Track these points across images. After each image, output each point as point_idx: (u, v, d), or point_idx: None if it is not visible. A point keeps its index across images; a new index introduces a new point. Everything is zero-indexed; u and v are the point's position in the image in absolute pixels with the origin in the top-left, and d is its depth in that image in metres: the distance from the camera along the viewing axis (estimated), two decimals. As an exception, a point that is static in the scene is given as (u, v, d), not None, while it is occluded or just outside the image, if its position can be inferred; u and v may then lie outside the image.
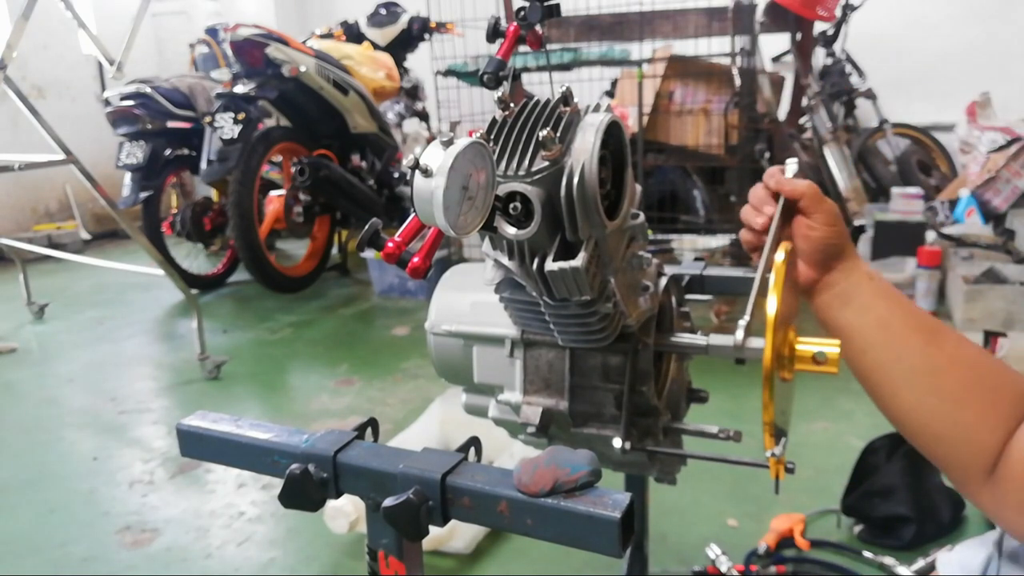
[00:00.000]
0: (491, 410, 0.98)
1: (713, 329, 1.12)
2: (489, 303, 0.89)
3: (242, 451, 0.75)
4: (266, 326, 3.32)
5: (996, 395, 0.73)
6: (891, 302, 0.80)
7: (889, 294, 0.80)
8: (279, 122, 3.77)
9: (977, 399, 0.74)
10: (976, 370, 0.75)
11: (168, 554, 1.67)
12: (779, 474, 0.71)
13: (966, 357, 0.76)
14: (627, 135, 0.77)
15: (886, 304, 0.79)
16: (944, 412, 0.74)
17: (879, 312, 0.79)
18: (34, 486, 1.99)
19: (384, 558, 0.69)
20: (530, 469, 0.62)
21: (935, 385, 0.75)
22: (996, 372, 0.75)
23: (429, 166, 0.54)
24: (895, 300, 0.80)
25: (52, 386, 2.70)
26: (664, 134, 3.56)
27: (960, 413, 0.74)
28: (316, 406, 2.45)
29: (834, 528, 1.66)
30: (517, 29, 0.87)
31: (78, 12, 2.58)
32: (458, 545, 1.57)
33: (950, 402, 0.74)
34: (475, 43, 3.89)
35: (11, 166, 2.59)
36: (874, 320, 0.79)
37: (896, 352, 0.77)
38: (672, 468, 1.01)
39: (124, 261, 3.17)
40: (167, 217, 3.87)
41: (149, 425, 2.35)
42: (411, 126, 4.92)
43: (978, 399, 0.73)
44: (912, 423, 0.77)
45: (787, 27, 3.79)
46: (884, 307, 0.79)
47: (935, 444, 0.76)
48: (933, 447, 0.76)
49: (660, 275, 0.93)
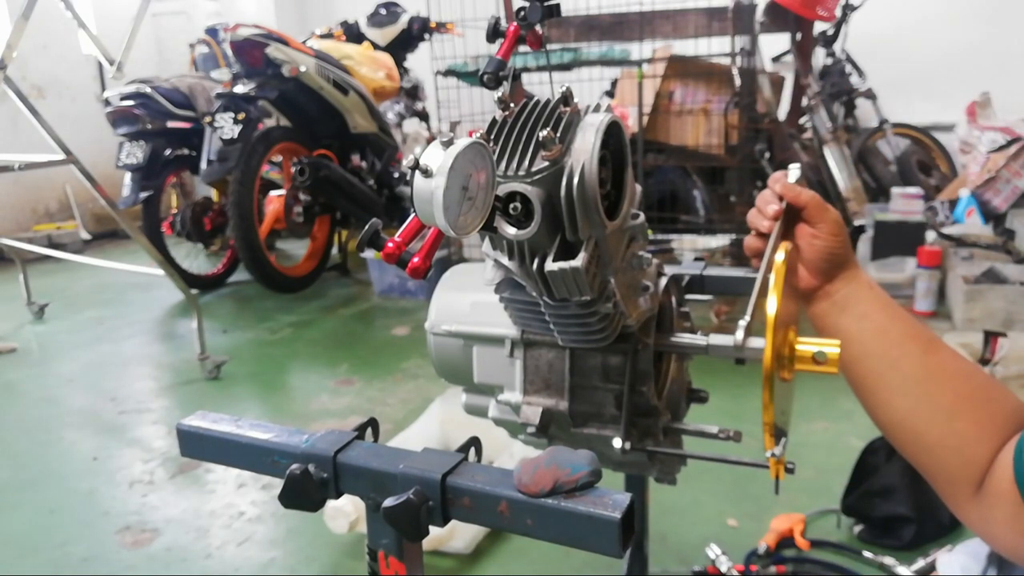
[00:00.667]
0: (491, 410, 0.98)
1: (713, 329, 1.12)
2: (489, 303, 0.89)
3: (242, 451, 0.75)
4: (266, 326, 3.32)
5: (989, 409, 0.74)
6: (889, 311, 0.80)
7: (888, 304, 0.81)
8: (279, 122, 3.77)
9: (970, 411, 0.74)
10: (970, 383, 0.76)
11: (168, 554, 1.67)
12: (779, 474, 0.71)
13: (961, 370, 0.76)
14: (627, 135, 0.77)
15: (884, 313, 0.80)
16: (938, 422, 0.74)
17: (877, 320, 0.80)
18: (34, 486, 1.99)
19: (384, 558, 0.69)
20: (530, 469, 0.62)
21: (930, 394, 0.75)
22: (989, 387, 0.76)
23: (429, 166, 0.53)
24: (893, 310, 0.81)
25: (52, 386, 2.71)
26: (664, 134, 3.56)
27: (953, 423, 0.74)
28: (316, 406, 2.45)
29: (834, 528, 1.66)
30: (517, 29, 0.87)
31: (78, 12, 2.58)
32: (458, 545, 1.57)
33: (944, 412, 0.74)
34: (475, 43, 3.89)
35: (11, 166, 2.59)
36: (872, 328, 0.79)
37: (892, 360, 0.77)
38: (672, 468, 1.01)
39: (124, 261, 3.17)
40: (167, 217, 3.87)
41: (149, 425, 2.35)
42: (411, 126, 4.92)
43: (971, 411, 0.74)
44: (904, 432, 0.77)
45: (787, 27, 3.79)
46: (882, 316, 0.80)
47: (926, 454, 0.76)
48: (924, 457, 0.76)
49: (660, 275, 0.93)
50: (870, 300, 0.81)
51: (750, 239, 0.86)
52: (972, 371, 0.77)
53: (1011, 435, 0.72)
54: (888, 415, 0.78)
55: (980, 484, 0.72)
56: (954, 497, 0.75)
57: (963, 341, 2.33)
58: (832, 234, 0.81)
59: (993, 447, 0.72)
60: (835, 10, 3.82)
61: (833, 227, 0.81)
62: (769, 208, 0.82)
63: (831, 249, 0.81)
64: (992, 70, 4.47)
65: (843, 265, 0.83)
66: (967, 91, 4.15)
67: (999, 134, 3.81)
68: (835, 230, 0.81)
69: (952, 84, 4.51)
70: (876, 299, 0.81)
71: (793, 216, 0.83)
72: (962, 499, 0.74)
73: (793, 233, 0.84)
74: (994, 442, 0.72)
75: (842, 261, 0.82)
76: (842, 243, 0.82)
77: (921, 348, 0.77)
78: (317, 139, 3.78)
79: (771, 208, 0.82)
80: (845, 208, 3.73)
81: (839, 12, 4.05)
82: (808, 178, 3.67)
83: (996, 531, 0.71)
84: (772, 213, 0.81)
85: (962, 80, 4.42)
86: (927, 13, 4.69)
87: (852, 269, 0.83)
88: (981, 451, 0.72)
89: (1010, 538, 0.70)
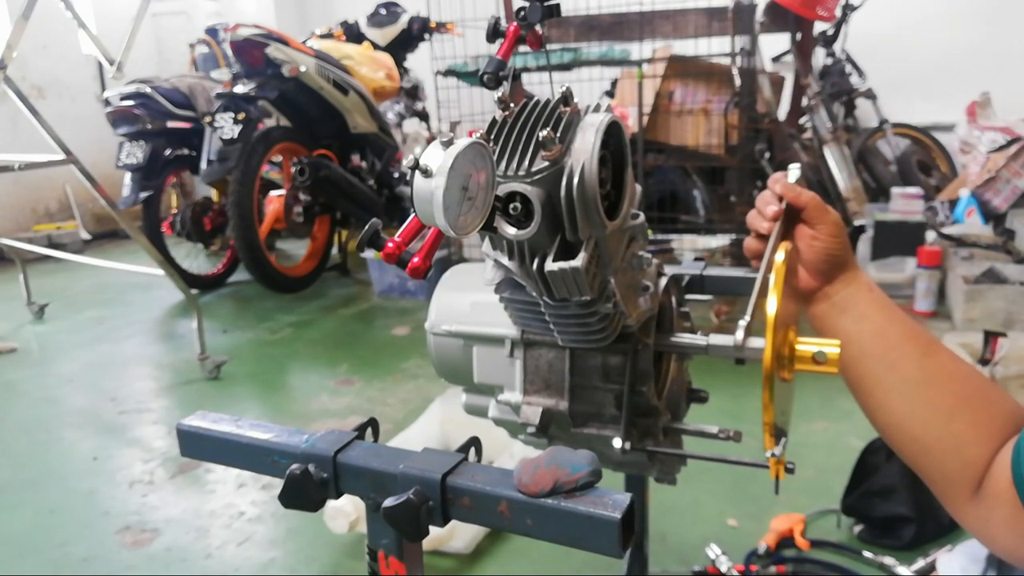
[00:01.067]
0: (491, 410, 0.98)
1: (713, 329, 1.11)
2: (489, 303, 0.89)
3: (242, 451, 0.75)
4: (266, 326, 3.32)
5: (987, 411, 0.74)
6: (889, 313, 0.80)
7: (887, 306, 0.81)
8: (279, 122, 3.77)
9: (969, 413, 0.74)
10: (968, 385, 0.76)
11: (168, 554, 1.67)
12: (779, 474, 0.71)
13: (959, 372, 0.77)
14: (627, 135, 0.77)
15: (884, 315, 0.80)
16: (936, 423, 0.74)
17: (876, 322, 0.80)
18: (34, 486, 1.99)
19: (384, 558, 0.69)
20: (530, 469, 0.62)
21: (928, 396, 0.75)
22: (987, 389, 0.76)
23: (429, 166, 0.53)
24: (893, 312, 0.81)
25: (52, 386, 2.71)
26: (664, 134, 3.56)
27: (951, 425, 0.74)
28: (316, 406, 2.45)
29: (834, 528, 1.65)
30: (517, 29, 0.87)
31: (78, 12, 2.58)
32: (458, 545, 1.57)
33: (942, 414, 0.74)
34: (475, 43, 3.89)
35: (11, 166, 2.59)
36: (871, 329, 0.79)
37: (891, 361, 0.77)
38: (672, 468, 1.01)
39: (124, 261, 3.17)
40: (167, 217, 3.88)
41: (149, 425, 2.35)
42: (411, 126, 4.92)
43: (970, 413, 0.74)
44: (902, 433, 0.77)
45: (787, 27, 3.79)
46: (882, 317, 0.80)
47: (924, 455, 0.76)
48: (922, 458, 0.76)
49: (660, 275, 0.93)
50: (869, 302, 0.81)
51: (750, 241, 0.86)
52: (970, 373, 0.77)
53: (1008, 438, 0.72)
54: (886, 416, 0.78)
55: (978, 486, 0.72)
56: (951, 499, 0.75)
57: (963, 341, 2.32)
58: (832, 236, 0.81)
59: (991, 449, 0.72)
60: (835, 10, 3.82)
61: (833, 229, 0.81)
62: (768, 209, 0.82)
63: (831, 251, 0.81)
64: (992, 70, 4.47)
65: (843, 267, 0.83)
66: (967, 91, 4.15)
67: (999, 134, 3.80)
68: (835, 232, 0.81)
69: (952, 84, 4.51)
70: (875, 301, 0.81)
71: (793, 217, 0.83)
72: (960, 501, 0.74)
73: (793, 234, 0.84)
74: (992, 444, 0.72)
75: (842, 263, 0.82)
76: (842, 245, 0.82)
77: (920, 350, 0.77)
78: (317, 139, 3.78)
79: (770, 209, 0.82)
80: (845, 208, 3.73)
81: (839, 12, 4.05)
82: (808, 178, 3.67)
83: (994, 533, 0.71)
84: (771, 214, 0.81)
85: (962, 80, 4.42)
86: (927, 13, 4.69)
87: (852, 271, 0.83)
88: (979, 453, 0.72)
89: (1008, 540, 0.70)
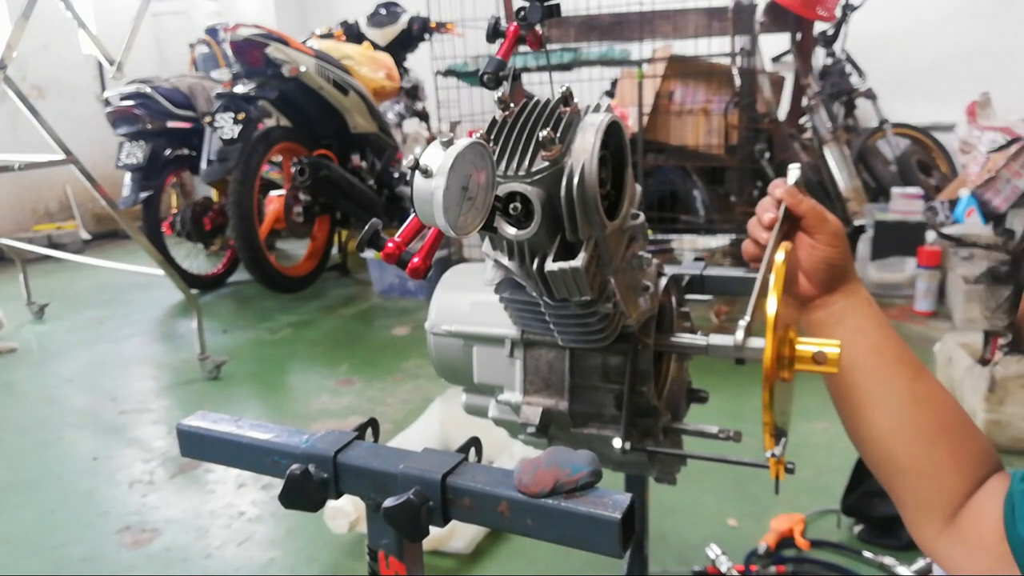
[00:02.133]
0: (491, 410, 0.98)
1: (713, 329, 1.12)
2: (489, 303, 0.89)
3: (242, 451, 0.75)
4: (266, 326, 3.32)
5: (967, 444, 0.75)
6: (886, 331, 0.81)
7: (884, 324, 0.81)
8: (279, 122, 3.77)
9: (950, 442, 0.75)
10: (953, 415, 0.77)
11: (168, 554, 1.67)
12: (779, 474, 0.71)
13: (945, 401, 0.78)
14: (627, 135, 0.77)
15: (881, 333, 0.80)
16: (917, 445, 0.75)
17: (873, 337, 0.80)
18: (34, 486, 1.99)
19: (384, 558, 0.69)
20: (530, 470, 0.62)
21: (915, 418, 0.76)
22: (968, 423, 0.77)
23: (429, 166, 0.53)
24: (889, 331, 0.81)
25: (52, 386, 2.70)
26: (664, 134, 3.56)
27: (932, 450, 0.75)
28: (316, 406, 2.45)
29: (834, 528, 1.66)
30: (517, 29, 0.87)
31: (78, 12, 2.58)
32: (458, 545, 1.57)
33: (925, 437, 0.75)
34: (475, 43, 3.89)
35: (11, 166, 2.59)
36: (867, 343, 0.80)
37: (883, 378, 0.78)
38: (672, 468, 1.01)
39: (124, 261, 3.17)
40: (167, 217, 3.88)
41: (149, 425, 2.35)
42: (411, 126, 4.92)
43: (951, 442, 0.75)
44: (883, 450, 0.78)
45: (787, 27, 3.79)
46: (878, 334, 0.80)
47: (900, 476, 0.77)
48: (897, 478, 0.77)
49: (660, 275, 0.93)
50: (868, 316, 0.81)
51: (747, 244, 0.86)
52: (955, 405, 0.78)
53: (983, 476, 0.74)
54: (869, 431, 0.79)
55: (950, 517, 0.73)
56: (920, 525, 0.76)
57: (963, 341, 2.32)
58: (831, 245, 0.80)
59: (967, 482, 0.73)
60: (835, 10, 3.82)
61: (832, 238, 0.81)
62: (766, 216, 0.82)
63: (830, 259, 0.81)
64: (992, 70, 4.47)
65: (843, 278, 0.82)
66: (967, 91, 4.14)
67: (999, 134, 3.80)
68: (834, 241, 0.81)
69: (952, 84, 4.51)
70: (874, 317, 0.81)
71: (794, 222, 0.83)
72: (929, 529, 0.75)
73: (794, 239, 0.84)
74: (968, 477, 0.74)
75: (841, 273, 0.82)
76: (841, 254, 0.81)
77: (911, 372, 0.78)
78: (317, 139, 3.78)
79: (768, 216, 0.82)
80: (845, 208, 3.73)
81: (839, 12, 4.05)
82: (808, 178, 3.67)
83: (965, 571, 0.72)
84: (768, 221, 0.81)
85: (962, 80, 4.42)
86: (927, 13, 4.69)
87: (852, 283, 0.83)
88: (955, 483, 0.73)
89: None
